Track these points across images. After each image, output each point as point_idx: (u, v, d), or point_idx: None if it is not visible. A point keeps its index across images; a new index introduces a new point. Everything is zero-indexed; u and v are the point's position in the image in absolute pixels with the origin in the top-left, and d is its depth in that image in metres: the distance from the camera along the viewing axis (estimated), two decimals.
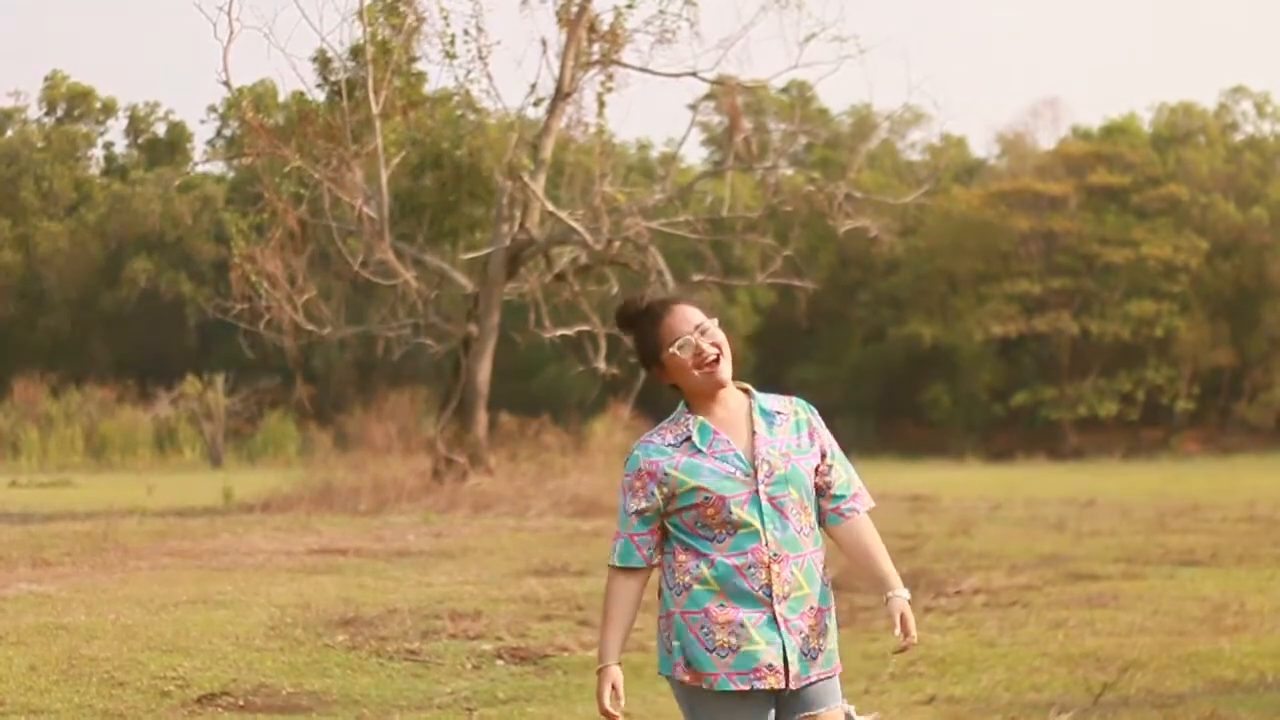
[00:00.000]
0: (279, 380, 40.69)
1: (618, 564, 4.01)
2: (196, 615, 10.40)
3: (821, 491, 4.02)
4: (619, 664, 3.98)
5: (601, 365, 24.50)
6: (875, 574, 4.03)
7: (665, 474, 3.92)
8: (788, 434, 3.99)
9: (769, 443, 3.94)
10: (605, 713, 3.96)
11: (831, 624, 4.00)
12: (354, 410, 29.52)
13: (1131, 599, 11.17)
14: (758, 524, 3.87)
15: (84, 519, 19.32)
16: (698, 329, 3.96)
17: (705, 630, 3.88)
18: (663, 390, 4.10)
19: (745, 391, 4.06)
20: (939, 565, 13.50)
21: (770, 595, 3.88)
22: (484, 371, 23.48)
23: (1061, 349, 47.75)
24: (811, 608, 3.93)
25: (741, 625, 3.87)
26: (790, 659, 3.89)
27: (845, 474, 4.07)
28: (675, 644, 3.93)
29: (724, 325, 4.03)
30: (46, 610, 10.62)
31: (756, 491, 3.89)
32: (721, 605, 3.88)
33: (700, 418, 3.97)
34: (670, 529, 3.97)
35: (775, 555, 3.87)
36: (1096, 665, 8.43)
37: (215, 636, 9.45)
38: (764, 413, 4.00)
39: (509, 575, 13.10)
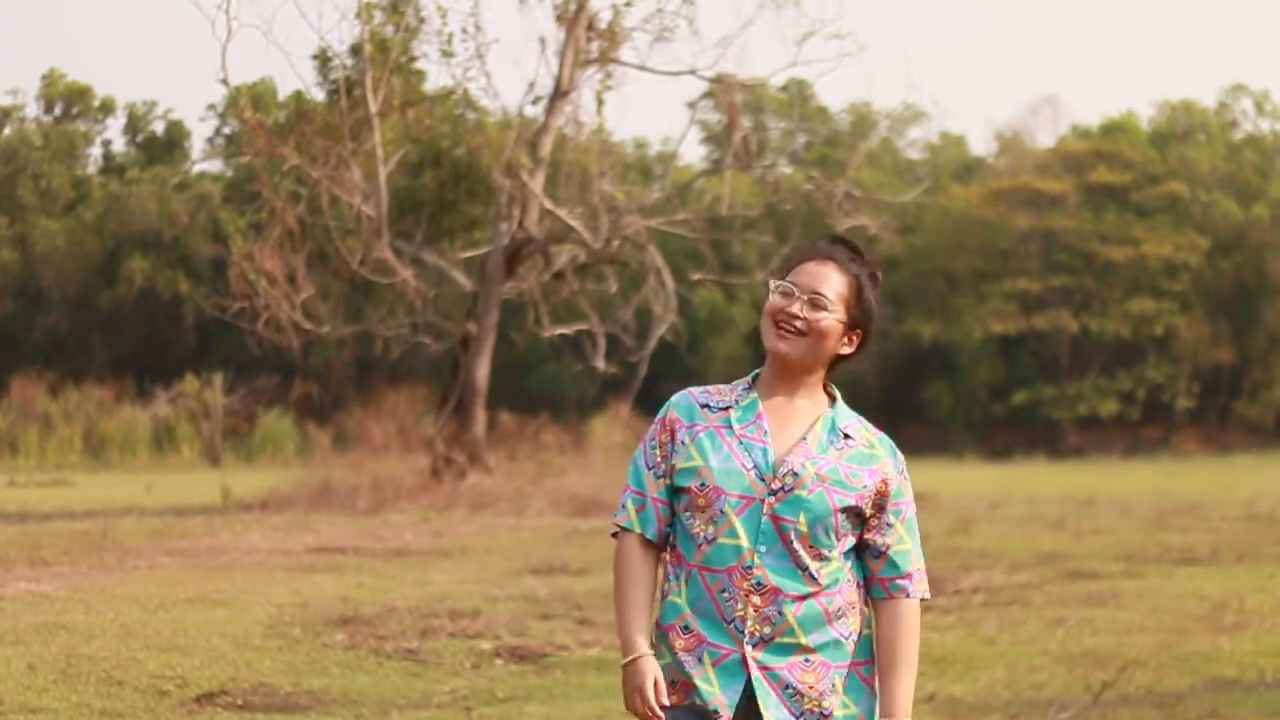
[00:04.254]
0: (277, 379, 40.69)
1: (633, 528, 3.22)
2: (195, 614, 10.37)
3: (871, 551, 3.24)
4: (653, 653, 3.19)
5: (600, 364, 24.50)
6: (885, 691, 3.22)
7: (682, 443, 3.21)
8: (843, 459, 3.19)
9: (811, 456, 3.16)
10: (650, 711, 3.14)
11: (847, 686, 3.18)
12: (352, 409, 29.53)
13: (1131, 597, 11.17)
14: (745, 539, 3.11)
15: (82, 518, 19.29)
16: (812, 295, 3.22)
17: (665, 644, 3.19)
18: (662, 389, 3.85)
19: (831, 398, 3.31)
20: (938, 564, 13.48)
21: (742, 633, 3.12)
22: (483, 370, 23.47)
23: (1061, 347, 47.76)
24: (808, 660, 3.15)
25: (699, 660, 3.14)
26: (764, 708, 3.12)
27: (908, 543, 3.29)
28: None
29: (853, 337, 3.31)
30: (45, 609, 10.60)
31: (763, 501, 3.12)
32: (686, 627, 3.16)
33: (756, 394, 3.24)
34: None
35: (758, 585, 3.11)
36: (1096, 663, 8.42)
37: (214, 635, 9.43)
38: (832, 427, 3.23)
39: (508, 574, 13.09)
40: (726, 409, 3.22)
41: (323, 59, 24.27)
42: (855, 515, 3.19)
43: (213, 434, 40.09)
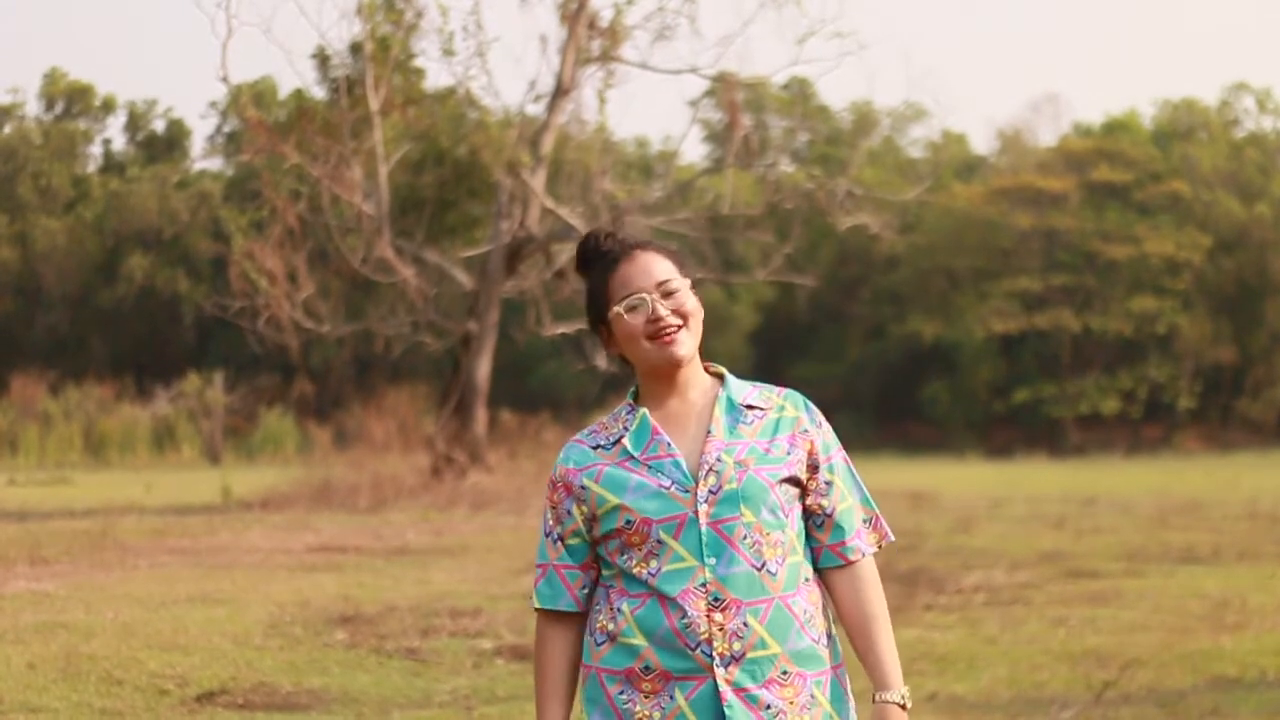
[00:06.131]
0: (278, 377, 40.71)
1: (542, 606, 2.99)
2: (195, 613, 10.37)
3: (815, 519, 2.97)
4: None
5: (602, 362, 24.49)
6: (869, 659, 2.98)
7: (583, 488, 2.94)
8: (756, 435, 2.94)
9: (723, 446, 2.91)
10: None
11: (826, 697, 2.94)
12: (353, 408, 29.55)
13: (1133, 596, 11.15)
14: (693, 558, 2.85)
15: (82, 517, 19.29)
16: (660, 288, 2.95)
17: (625, 698, 2.89)
18: None
19: (718, 378, 3.04)
20: (939, 563, 13.48)
21: (710, 656, 2.84)
22: (483, 369, 23.48)
23: (1063, 346, 47.74)
24: (785, 673, 2.88)
25: (670, 697, 2.86)
26: None
27: (851, 498, 3.00)
28: (589, 712, 2.95)
29: (698, 291, 3.04)
30: (45, 608, 10.60)
31: (695, 513, 2.87)
32: (647, 667, 2.87)
33: (644, 410, 2.98)
34: (599, 559, 2.99)
35: (717, 600, 2.84)
36: (1098, 662, 8.41)
37: (214, 634, 9.42)
38: (730, 406, 2.97)
39: (508, 573, 13.08)
40: (620, 440, 2.96)
41: (323, 57, 24.31)
42: (794, 484, 2.95)
43: (213, 432, 40.10)
